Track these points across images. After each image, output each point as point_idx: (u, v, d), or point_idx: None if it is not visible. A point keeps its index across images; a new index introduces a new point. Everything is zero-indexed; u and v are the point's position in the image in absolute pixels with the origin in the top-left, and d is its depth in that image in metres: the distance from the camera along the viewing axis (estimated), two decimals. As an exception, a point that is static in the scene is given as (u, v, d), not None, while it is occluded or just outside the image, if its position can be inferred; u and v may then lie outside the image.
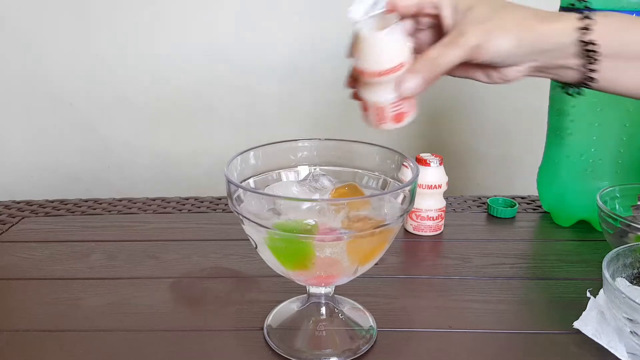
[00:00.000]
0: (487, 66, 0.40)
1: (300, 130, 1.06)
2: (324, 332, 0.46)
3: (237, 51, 1.04)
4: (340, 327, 0.46)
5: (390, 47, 0.38)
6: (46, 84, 1.06)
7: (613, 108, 0.59)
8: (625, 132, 0.60)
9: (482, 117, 1.09)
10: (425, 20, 0.42)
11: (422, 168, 0.62)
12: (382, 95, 0.39)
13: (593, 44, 0.38)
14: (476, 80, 0.43)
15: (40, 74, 1.06)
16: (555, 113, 0.64)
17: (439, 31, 0.41)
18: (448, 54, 0.39)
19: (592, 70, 0.39)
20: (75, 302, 0.51)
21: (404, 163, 0.43)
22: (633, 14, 0.55)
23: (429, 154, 0.65)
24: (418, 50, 0.40)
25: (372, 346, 0.44)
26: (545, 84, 0.65)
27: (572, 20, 0.39)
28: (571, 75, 0.40)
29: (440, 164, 0.63)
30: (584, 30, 0.38)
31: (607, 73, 0.40)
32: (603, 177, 0.62)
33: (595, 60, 0.39)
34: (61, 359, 0.44)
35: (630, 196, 0.59)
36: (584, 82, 0.40)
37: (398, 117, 0.40)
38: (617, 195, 0.58)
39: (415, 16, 0.41)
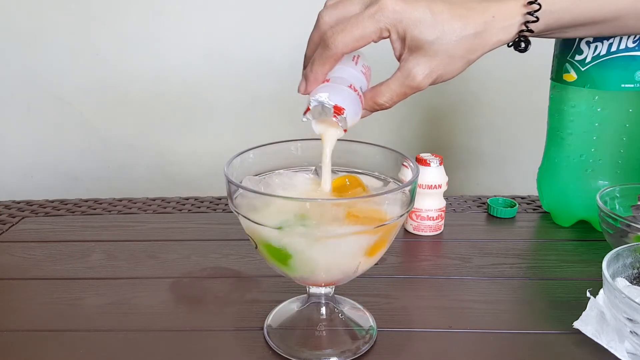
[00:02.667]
0: None
1: (301, 130, 1.07)
2: (324, 332, 0.46)
3: (237, 51, 1.04)
4: (340, 327, 0.46)
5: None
6: (46, 83, 1.06)
7: (613, 108, 0.59)
8: (625, 132, 0.60)
9: (482, 117, 1.09)
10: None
11: (422, 168, 0.62)
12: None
13: (532, 31, 0.44)
14: None
15: (40, 73, 1.06)
16: (555, 113, 0.64)
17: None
18: (396, 97, 0.43)
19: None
20: (75, 302, 0.51)
21: (404, 163, 0.43)
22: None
23: (429, 154, 0.65)
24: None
25: (372, 346, 0.44)
26: (545, 84, 0.65)
27: (517, 17, 0.43)
28: None
29: (440, 164, 0.63)
30: (529, 23, 0.43)
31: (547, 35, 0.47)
32: (603, 177, 0.62)
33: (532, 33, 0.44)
34: (61, 359, 0.44)
35: (630, 196, 0.59)
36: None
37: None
38: (617, 195, 0.58)
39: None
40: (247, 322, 0.48)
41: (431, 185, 0.63)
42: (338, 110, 0.39)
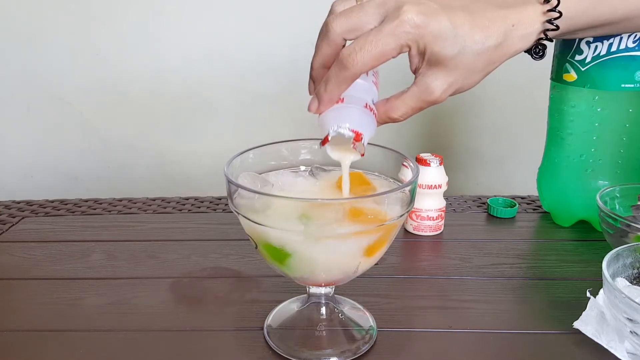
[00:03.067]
0: None
1: (301, 130, 1.07)
2: (324, 332, 0.46)
3: (237, 51, 1.04)
4: (340, 327, 0.46)
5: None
6: (46, 83, 1.06)
7: (613, 108, 0.59)
8: (625, 132, 0.60)
9: (482, 117, 1.09)
10: None
11: (422, 168, 0.62)
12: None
13: (548, 38, 0.42)
14: None
15: (40, 73, 1.06)
16: (555, 113, 0.64)
17: None
18: (410, 111, 0.41)
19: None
20: (75, 302, 0.51)
21: (404, 163, 0.43)
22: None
23: (429, 154, 0.65)
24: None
25: (372, 346, 0.44)
26: (545, 83, 0.65)
27: (536, 25, 0.42)
28: None
29: (440, 164, 0.63)
30: (548, 31, 0.42)
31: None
32: (603, 177, 0.62)
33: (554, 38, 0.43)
34: (61, 359, 0.44)
35: (630, 196, 0.59)
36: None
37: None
38: (617, 195, 0.58)
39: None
40: (247, 322, 0.48)
41: (431, 185, 0.63)
42: (357, 137, 0.38)
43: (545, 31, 0.42)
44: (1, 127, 1.10)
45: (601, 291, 0.44)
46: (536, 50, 0.44)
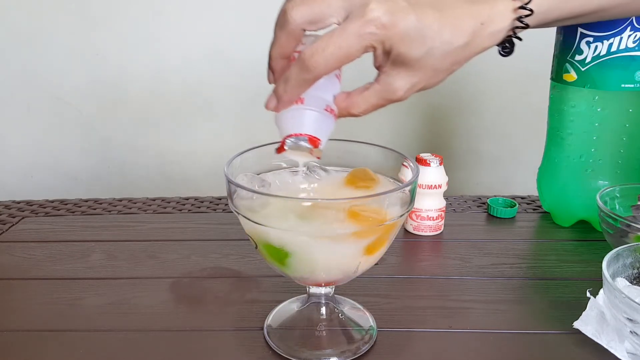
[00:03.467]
0: None
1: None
2: (324, 332, 0.46)
3: (237, 51, 1.04)
4: (340, 327, 0.46)
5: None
6: (46, 83, 1.06)
7: (613, 108, 0.59)
8: (625, 132, 0.60)
9: (482, 117, 1.09)
10: None
11: (422, 168, 0.62)
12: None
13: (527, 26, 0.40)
14: None
15: (40, 73, 1.06)
16: (555, 113, 0.64)
17: None
18: (370, 107, 0.39)
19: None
20: (75, 302, 0.51)
21: (404, 163, 0.43)
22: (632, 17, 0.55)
23: (429, 154, 0.65)
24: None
25: (372, 346, 0.44)
26: (545, 84, 0.65)
27: (506, 22, 0.40)
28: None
29: (440, 164, 0.63)
30: (517, 29, 0.40)
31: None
32: (603, 177, 0.62)
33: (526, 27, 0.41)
34: (61, 359, 0.44)
35: (630, 196, 0.59)
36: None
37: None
38: (617, 195, 0.58)
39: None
40: (247, 322, 0.48)
41: (431, 185, 0.63)
42: (314, 144, 0.38)
43: (514, 28, 0.40)
44: (1, 127, 1.10)
45: (601, 291, 0.44)
46: (504, 47, 0.42)
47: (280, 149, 0.39)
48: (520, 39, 0.41)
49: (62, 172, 1.13)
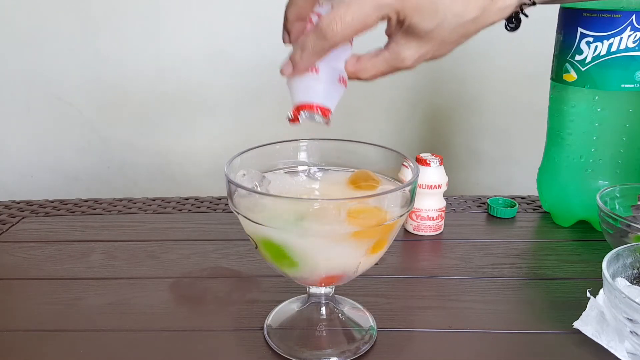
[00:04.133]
0: None
1: (301, 130, 1.06)
2: (324, 332, 0.46)
3: (237, 51, 1.04)
4: (340, 327, 0.46)
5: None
6: (46, 83, 1.06)
7: (613, 108, 0.59)
8: (625, 132, 0.60)
9: (482, 117, 1.09)
10: None
11: (422, 168, 0.62)
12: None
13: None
14: None
15: (40, 73, 1.06)
16: (555, 113, 0.64)
17: None
18: (379, 73, 0.40)
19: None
20: (75, 302, 0.51)
21: (404, 163, 0.43)
22: (632, 15, 0.55)
23: (429, 154, 0.65)
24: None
25: (372, 346, 0.44)
26: (545, 84, 0.65)
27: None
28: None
29: (440, 164, 0.63)
30: (525, 5, 0.41)
31: None
32: (603, 177, 0.62)
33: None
34: (61, 359, 0.44)
35: (630, 196, 0.59)
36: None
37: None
38: (617, 195, 0.58)
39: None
40: (247, 322, 0.48)
41: (431, 185, 0.63)
42: (325, 113, 0.39)
43: (521, 5, 0.42)
44: (1, 127, 1.10)
45: (601, 291, 0.44)
46: (510, 21, 0.43)
47: (294, 120, 0.40)
48: (526, 15, 0.42)
49: (62, 172, 1.13)
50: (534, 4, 0.42)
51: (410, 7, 0.37)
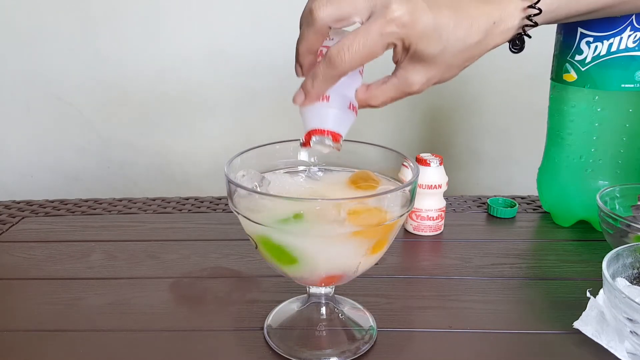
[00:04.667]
0: None
1: (300, 130, 1.06)
2: (324, 332, 0.46)
3: (237, 51, 1.04)
4: (340, 327, 0.46)
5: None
6: (46, 83, 1.06)
7: (613, 108, 0.59)
8: (625, 132, 0.60)
9: (482, 117, 1.09)
10: None
11: (422, 168, 0.62)
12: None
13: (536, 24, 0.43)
14: None
15: (40, 73, 1.06)
16: (555, 113, 0.64)
17: None
18: (388, 100, 0.42)
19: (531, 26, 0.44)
20: (75, 302, 0.51)
21: (404, 163, 0.43)
22: (632, 15, 0.55)
23: (429, 154, 0.65)
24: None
25: (372, 346, 0.44)
26: (545, 84, 0.65)
27: (516, 21, 0.42)
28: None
29: (440, 164, 0.63)
30: (527, 27, 0.43)
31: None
32: (603, 177, 0.62)
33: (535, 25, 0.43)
34: (61, 359, 0.44)
35: (630, 196, 0.59)
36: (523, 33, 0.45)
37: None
38: (617, 195, 0.58)
39: None
40: (247, 322, 0.48)
41: (431, 185, 0.63)
42: (336, 138, 0.40)
43: (524, 27, 0.43)
44: (1, 127, 1.10)
45: (601, 291, 0.44)
46: (514, 43, 0.45)
47: (305, 144, 0.41)
48: (529, 36, 0.44)
49: (62, 172, 1.13)
50: (536, 24, 0.43)
51: (414, 34, 0.38)
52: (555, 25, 0.62)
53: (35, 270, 0.57)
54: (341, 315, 0.47)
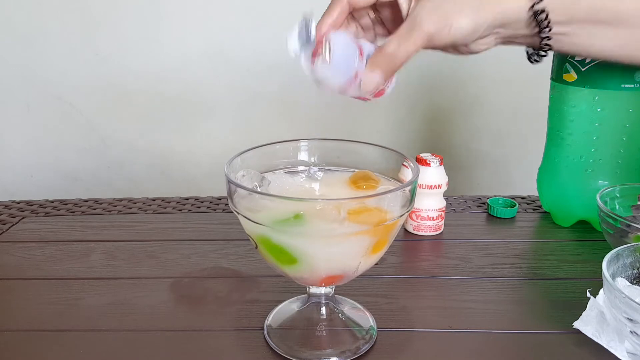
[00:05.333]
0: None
1: (300, 130, 1.07)
2: (324, 332, 0.46)
3: (237, 51, 1.04)
4: (340, 327, 0.46)
5: (338, 67, 0.42)
6: (46, 83, 1.06)
7: (613, 108, 0.59)
8: (625, 132, 0.60)
9: (482, 117, 1.09)
10: (385, 13, 0.44)
11: (422, 168, 0.62)
12: (354, 93, 0.43)
13: (543, 11, 0.41)
14: (446, 53, 0.44)
15: (40, 73, 1.06)
16: (555, 113, 0.64)
17: (397, 18, 0.43)
18: (405, 46, 0.40)
19: (546, 37, 0.43)
20: (75, 302, 0.51)
21: (404, 163, 0.43)
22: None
23: (429, 154, 0.65)
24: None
25: (372, 346, 0.44)
26: (545, 84, 0.65)
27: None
28: (531, 42, 0.44)
29: (440, 164, 0.63)
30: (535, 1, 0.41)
31: (565, 38, 0.44)
32: (603, 177, 0.62)
33: (548, 26, 0.42)
34: (61, 359, 0.44)
35: (630, 196, 0.59)
36: (542, 48, 0.44)
37: (378, 94, 0.43)
38: (617, 195, 0.58)
39: (373, 7, 0.43)
40: (247, 322, 0.48)
41: (431, 185, 0.63)
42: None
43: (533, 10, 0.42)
44: (1, 127, 1.10)
45: (601, 291, 0.44)
46: (535, 59, 0.46)
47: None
48: (546, 54, 0.45)
49: (62, 172, 1.13)
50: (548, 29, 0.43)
51: None
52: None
53: (35, 270, 0.57)
54: (341, 315, 0.47)
